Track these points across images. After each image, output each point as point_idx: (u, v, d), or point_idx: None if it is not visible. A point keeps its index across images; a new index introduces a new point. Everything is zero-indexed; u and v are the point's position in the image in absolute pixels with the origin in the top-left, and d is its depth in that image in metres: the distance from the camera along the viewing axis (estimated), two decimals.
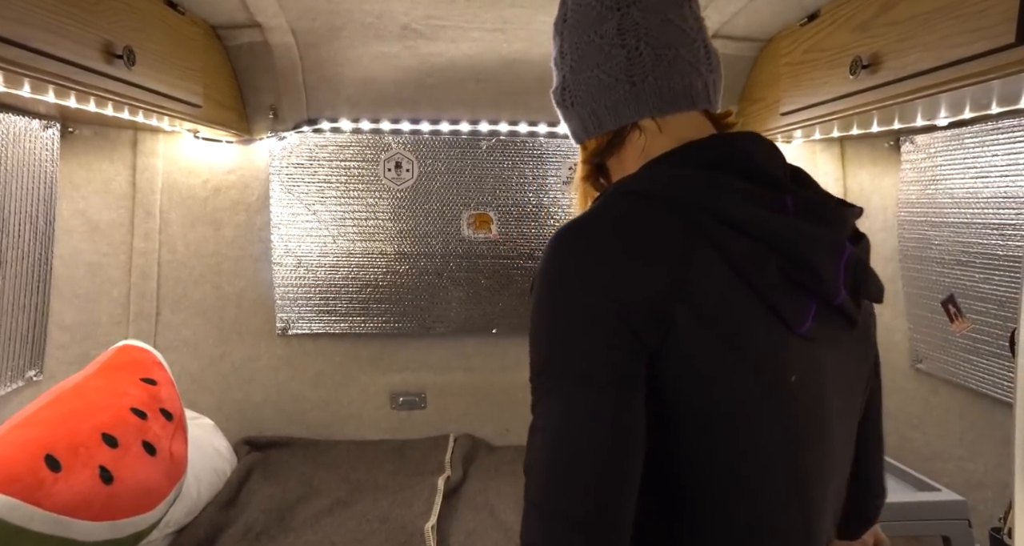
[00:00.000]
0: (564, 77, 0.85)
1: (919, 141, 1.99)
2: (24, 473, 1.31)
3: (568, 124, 0.87)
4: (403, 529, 1.97)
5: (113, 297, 2.33)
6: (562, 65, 0.85)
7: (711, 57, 0.83)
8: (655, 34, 0.79)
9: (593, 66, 0.81)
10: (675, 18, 0.81)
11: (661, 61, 0.79)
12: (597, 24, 0.80)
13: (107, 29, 1.48)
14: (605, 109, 0.81)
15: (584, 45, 0.81)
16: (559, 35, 0.86)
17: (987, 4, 1.18)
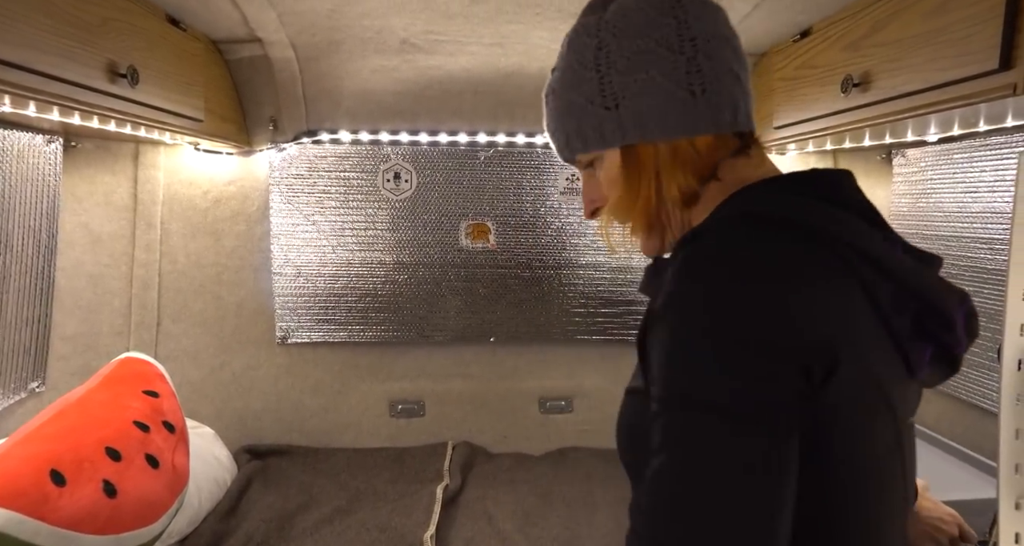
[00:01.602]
0: (604, 78, 0.78)
1: (910, 155, 2.02)
2: (30, 488, 1.33)
3: (603, 126, 0.79)
4: (402, 538, 2.00)
5: (114, 308, 2.35)
6: (601, 66, 0.78)
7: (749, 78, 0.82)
8: (713, 48, 0.76)
9: (648, 69, 0.76)
10: (730, 36, 0.79)
11: (721, 76, 0.77)
12: (652, 29, 0.76)
13: (111, 49, 1.50)
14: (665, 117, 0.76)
15: (637, 49, 0.77)
16: (595, 35, 0.79)
17: (972, 30, 1.21)
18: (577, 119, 0.81)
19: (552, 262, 2.69)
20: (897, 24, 1.44)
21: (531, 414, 2.76)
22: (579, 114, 0.80)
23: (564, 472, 2.51)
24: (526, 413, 2.76)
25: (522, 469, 2.54)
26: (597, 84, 0.78)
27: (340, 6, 1.85)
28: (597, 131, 0.80)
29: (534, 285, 2.70)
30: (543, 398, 2.75)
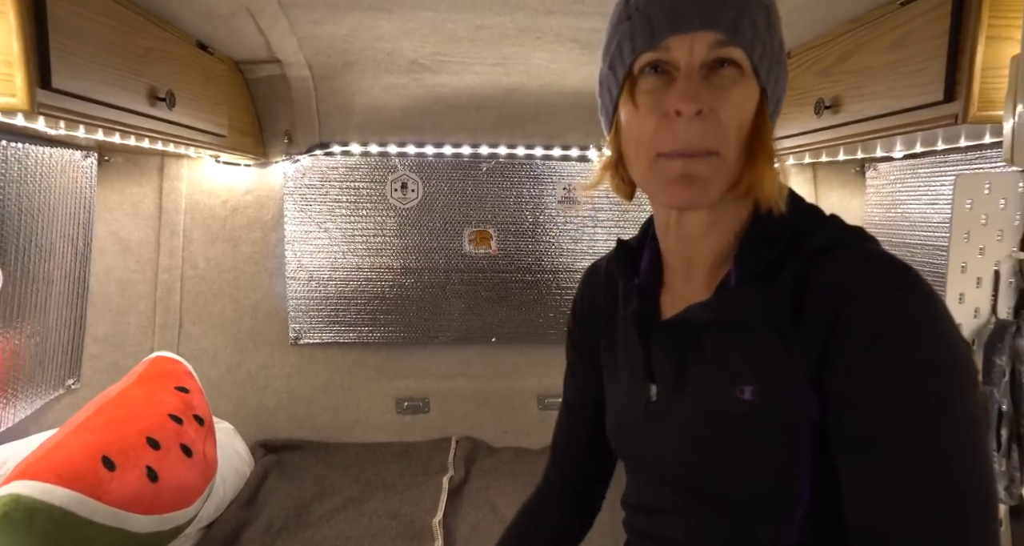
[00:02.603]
0: (780, 36, 0.74)
1: (881, 169, 2.18)
2: (86, 472, 1.49)
3: (773, 58, 0.72)
4: (412, 524, 2.15)
5: (140, 310, 2.51)
6: (777, 20, 0.74)
7: None
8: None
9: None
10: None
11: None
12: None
13: (152, 76, 1.65)
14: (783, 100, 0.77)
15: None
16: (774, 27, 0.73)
17: (922, 65, 1.38)
18: (765, 34, 0.71)
19: (550, 267, 2.85)
20: (861, 54, 1.61)
21: (530, 410, 2.91)
22: (768, 31, 0.72)
23: None
24: (526, 409, 2.91)
25: (522, 462, 2.69)
26: (780, 35, 0.74)
27: (355, 31, 2.00)
28: (767, 63, 0.71)
29: (533, 288, 2.86)
30: (542, 395, 2.91)
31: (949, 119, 1.32)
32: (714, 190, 0.71)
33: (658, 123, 0.71)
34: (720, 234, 0.77)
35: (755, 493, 0.72)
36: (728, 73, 0.69)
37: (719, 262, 0.78)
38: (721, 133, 0.69)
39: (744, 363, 0.73)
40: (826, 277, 0.69)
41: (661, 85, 0.71)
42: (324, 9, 1.82)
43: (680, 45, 0.69)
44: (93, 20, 1.40)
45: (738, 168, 0.72)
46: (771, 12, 0.72)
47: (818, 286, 0.69)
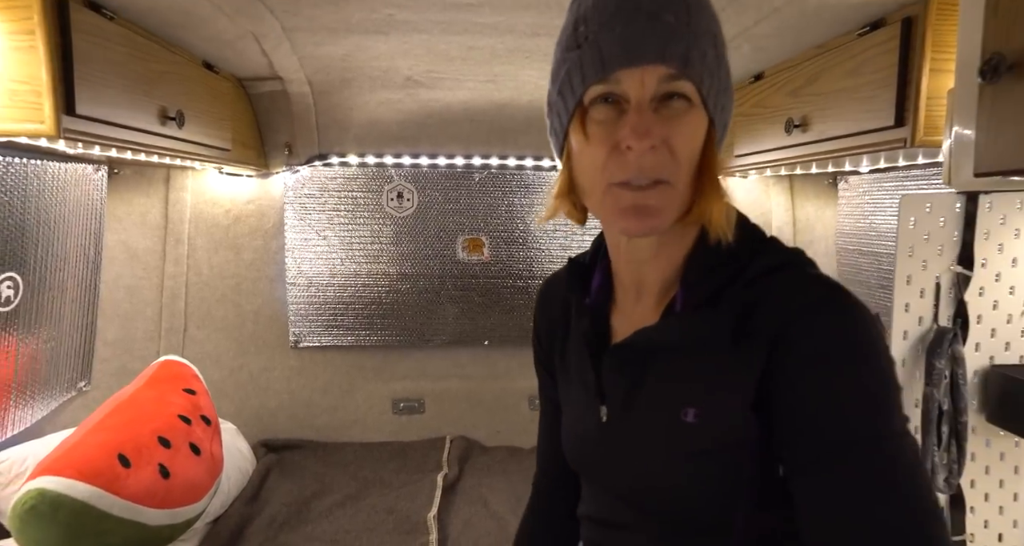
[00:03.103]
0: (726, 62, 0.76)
1: (851, 181, 2.31)
2: (104, 468, 1.60)
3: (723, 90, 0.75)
4: (408, 519, 2.26)
5: (147, 316, 2.62)
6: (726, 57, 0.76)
7: None
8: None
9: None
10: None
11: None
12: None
13: (163, 97, 1.77)
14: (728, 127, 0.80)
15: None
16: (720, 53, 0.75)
17: (876, 92, 1.50)
18: (714, 65, 0.72)
19: (540, 273, 2.97)
20: (825, 78, 1.73)
21: (522, 411, 3.03)
22: (716, 63, 0.72)
23: None
24: (517, 410, 3.03)
25: (514, 460, 2.81)
26: (726, 61, 0.75)
27: (353, 51, 2.12)
28: (715, 94, 0.73)
29: (524, 293, 2.98)
30: (533, 396, 3.03)
31: (899, 142, 1.44)
32: (666, 219, 0.73)
33: (609, 154, 0.71)
34: (669, 258, 0.80)
35: (699, 511, 0.75)
36: (678, 105, 0.70)
37: (668, 284, 0.80)
38: (672, 163, 0.70)
39: (687, 387, 0.75)
40: (767, 301, 0.71)
41: (612, 117, 0.71)
42: (324, 32, 1.93)
43: (631, 78, 0.69)
44: (111, 49, 1.51)
45: (689, 196, 0.73)
46: (719, 42, 0.73)
47: (759, 310, 0.71)
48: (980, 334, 1.30)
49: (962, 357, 1.28)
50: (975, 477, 1.31)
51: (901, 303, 1.30)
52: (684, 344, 0.76)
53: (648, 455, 0.79)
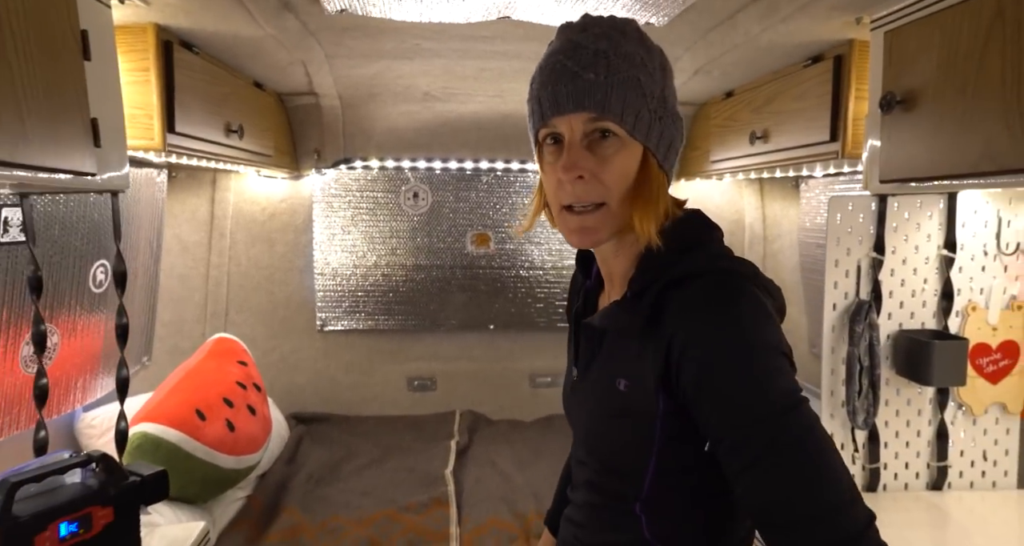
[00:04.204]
0: (663, 93, 0.89)
1: (811, 183, 2.66)
2: (187, 419, 1.95)
3: (651, 126, 0.87)
4: (428, 474, 2.61)
5: (195, 301, 2.96)
6: (665, 87, 0.90)
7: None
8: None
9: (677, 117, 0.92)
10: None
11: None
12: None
13: (227, 114, 2.11)
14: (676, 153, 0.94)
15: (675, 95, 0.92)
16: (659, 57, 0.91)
17: (816, 113, 1.85)
18: (637, 103, 0.86)
19: (540, 264, 3.32)
20: (779, 99, 2.08)
21: (523, 388, 3.38)
22: (639, 100, 0.86)
23: (550, 434, 3.11)
24: (519, 387, 3.38)
25: (516, 432, 3.15)
26: (660, 94, 0.88)
27: (381, 72, 2.46)
28: (645, 125, 0.86)
29: (526, 283, 3.33)
30: (533, 375, 3.38)
31: (833, 154, 1.80)
32: (603, 234, 0.89)
33: (557, 184, 0.88)
34: (625, 258, 0.95)
35: (620, 457, 0.93)
36: (610, 140, 0.86)
37: (627, 278, 0.93)
38: (604, 189, 0.86)
39: (622, 362, 0.91)
40: (672, 305, 0.84)
41: (556, 153, 0.89)
42: (359, 58, 2.27)
43: (562, 123, 0.86)
44: (196, 78, 1.86)
45: (624, 212, 0.88)
46: (644, 83, 0.86)
47: (666, 311, 0.85)
48: (891, 306, 1.65)
49: (877, 324, 1.63)
50: (888, 418, 1.66)
51: (831, 281, 1.65)
52: (614, 329, 0.94)
53: (593, 410, 0.98)
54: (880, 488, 1.66)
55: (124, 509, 1.24)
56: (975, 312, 1.63)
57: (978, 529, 1.52)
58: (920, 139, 1.30)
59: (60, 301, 1.92)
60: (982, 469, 1.67)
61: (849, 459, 1.66)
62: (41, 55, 1.07)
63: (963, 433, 1.67)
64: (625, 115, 0.85)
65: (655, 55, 0.89)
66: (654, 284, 0.86)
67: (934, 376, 1.54)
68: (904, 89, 1.34)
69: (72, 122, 1.20)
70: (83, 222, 1.95)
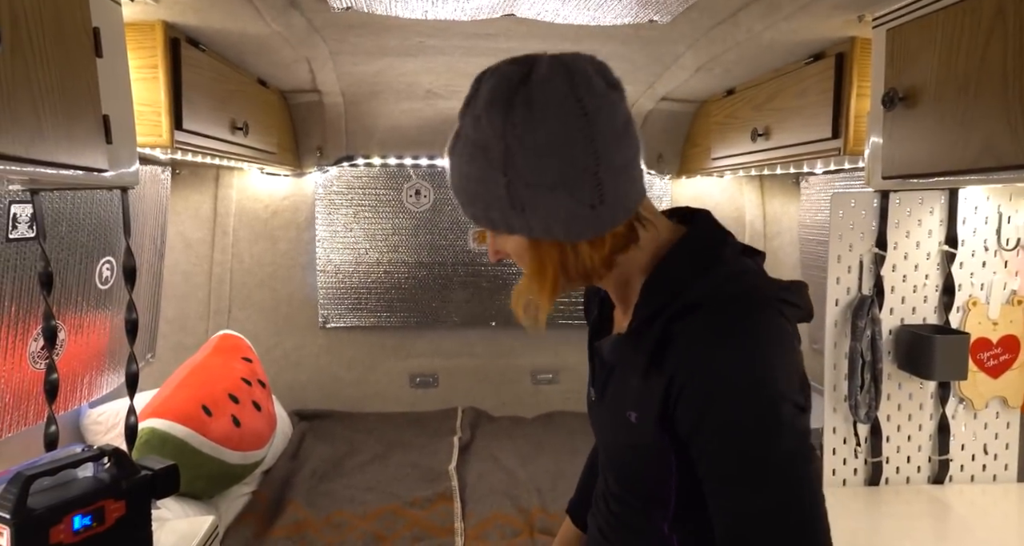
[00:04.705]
0: (512, 185, 0.79)
1: (811, 180, 2.68)
2: (194, 415, 1.96)
3: (510, 220, 0.81)
4: (431, 470, 2.63)
5: (198, 298, 2.97)
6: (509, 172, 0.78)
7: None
8: (614, 153, 0.78)
9: (554, 189, 0.78)
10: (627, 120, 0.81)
11: (619, 183, 0.80)
12: (560, 148, 0.76)
13: (233, 111, 2.12)
14: (568, 226, 0.80)
15: (545, 168, 0.78)
16: (502, 138, 0.77)
17: (818, 110, 1.87)
18: (485, 204, 0.81)
19: None
20: (781, 97, 2.10)
21: (525, 385, 3.39)
22: (487, 201, 0.81)
23: (551, 429, 3.13)
24: (521, 384, 3.39)
25: (518, 428, 3.17)
26: (504, 188, 0.78)
27: (384, 69, 2.47)
28: (504, 221, 0.81)
29: None
30: (534, 371, 3.40)
31: (835, 151, 1.82)
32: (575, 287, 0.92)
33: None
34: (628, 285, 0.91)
35: (641, 484, 0.92)
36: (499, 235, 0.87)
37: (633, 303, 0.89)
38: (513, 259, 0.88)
39: (631, 393, 0.87)
40: (677, 340, 0.79)
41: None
42: (363, 55, 2.28)
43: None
44: (203, 75, 1.87)
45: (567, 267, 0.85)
46: (486, 195, 0.80)
47: (671, 346, 0.80)
48: (893, 301, 1.66)
49: (879, 318, 1.64)
50: (890, 412, 1.68)
51: (833, 277, 1.67)
52: (620, 364, 0.91)
53: (610, 436, 0.97)
54: (882, 482, 1.68)
55: (136, 503, 1.26)
56: (976, 307, 1.65)
57: (979, 522, 1.54)
58: (922, 136, 1.32)
59: (67, 297, 1.93)
60: (983, 463, 1.69)
61: (852, 453, 1.68)
62: (56, 52, 1.09)
63: (964, 427, 1.68)
64: (486, 222, 0.83)
65: (490, 131, 0.77)
66: (659, 316, 0.82)
67: (936, 370, 1.56)
68: (906, 86, 1.36)
69: (85, 119, 1.21)
70: (90, 219, 1.96)
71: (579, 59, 0.79)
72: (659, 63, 2.33)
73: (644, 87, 2.62)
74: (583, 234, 0.81)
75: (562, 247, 0.83)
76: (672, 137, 3.03)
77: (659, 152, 3.11)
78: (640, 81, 2.56)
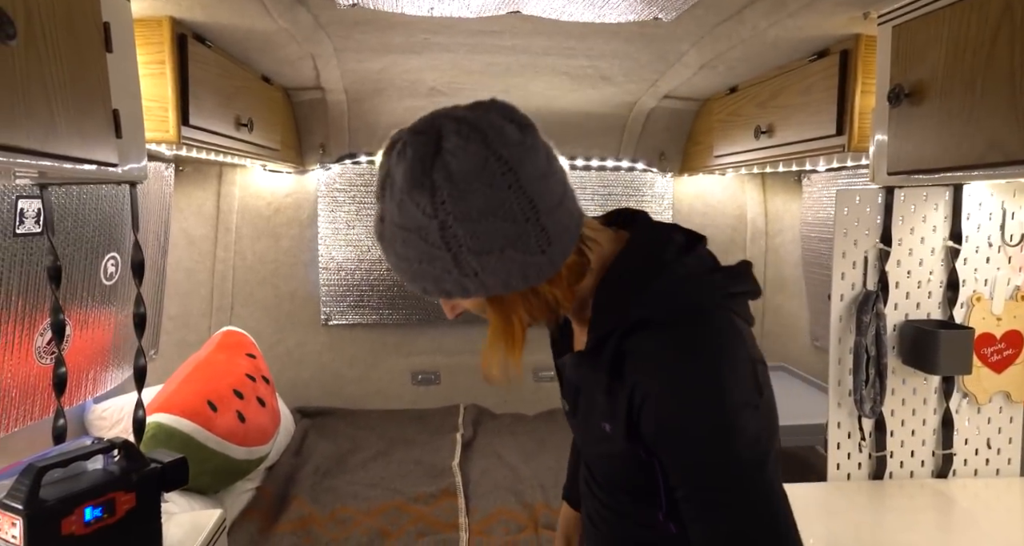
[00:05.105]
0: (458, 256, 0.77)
1: (813, 178, 2.69)
2: (199, 410, 1.97)
3: (465, 286, 0.79)
4: (434, 466, 2.63)
5: (201, 295, 2.98)
6: (452, 246, 0.76)
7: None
8: (547, 195, 0.78)
9: (502, 248, 0.77)
10: (550, 155, 0.82)
11: (561, 221, 0.80)
12: (493, 207, 0.75)
13: (238, 107, 2.12)
14: (524, 276, 0.79)
15: (486, 231, 0.76)
16: (434, 216, 0.75)
17: (822, 107, 1.88)
18: (434, 279, 0.79)
19: None
20: (785, 94, 2.11)
21: (526, 382, 3.40)
22: (435, 279, 0.79)
23: (553, 426, 3.14)
24: (522, 381, 3.40)
25: (520, 424, 3.18)
26: (452, 260, 0.76)
27: (388, 66, 2.47)
28: (459, 289, 0.80)
29: None
30: (536, 369, 3.40)
31: (839, 148, 1.82)
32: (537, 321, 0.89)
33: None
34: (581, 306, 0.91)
35: (628, 488, 0.94)
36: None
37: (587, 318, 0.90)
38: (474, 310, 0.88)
39: (599, 406, 0.89)
40: (631, 355, 0.82)
41: None
42: (368, 52, 2.28)
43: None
44: (209, 71, 1.87)
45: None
46: (445, 272, 0.78)
47: (627, 361, 0.83)
48: (898, 296, 1.67)
49: (884, 314, 1.65)
50: (894, 407, 1.68)
51: (838, 272, 1.67)
52: (583, 384, 0.92)
53: (590, 446, 0.98)
54: (886, 476, 1.68)
55: (146, 495, 1.26)
56: (980, 303, 1.66)
57: (982, 515, 1.55)
58: (928, 131, 1.32)
59: (73, 293, 1.94)
60: (986, 457, 1.70)
61: (856, 448, 1.69)
62: (67, 47, 1.09)
63: (967, 422, 1.69)
64: (436, 292, 0.82)
65: (420, 213, 0.75)
66: (611, 335, 0.84)
67: (940, 365, 1.57)
68: (912, 82, 1.37)
69: (95, 113, 1.21)
70: (95, 214, 1.97)
71: (483, 112, 0.78)
72: (663, 60, 2.34)
73: (647, 85, 2.63)
74: (541, 277, 0.80)
75: (523, 294, 0.82)
76: (674, 135, 3.04)
77: (661, 150, 3.12)
78: (643, 79, 2.56)
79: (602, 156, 3.22)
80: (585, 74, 2.54)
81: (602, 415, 0.88)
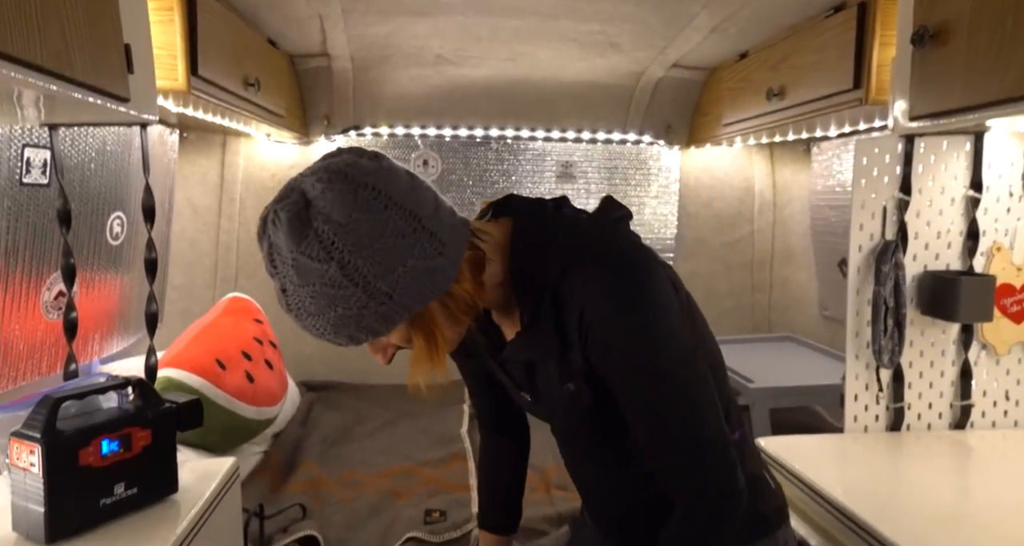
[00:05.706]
0: (368, 286, 0.79)
1: (823, 146, 2.68)
2: (208, 367, 1.95)
3: (387, 315, 0.82)
4: (443, 434, 2.61)
5: (205, 266, 2.95)
6: (357, 279, 0.79)
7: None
8: (423, 203, 0.83)
9: (404, 261, 0.80)
10: (410, 173, 0.87)
11: (444, 220, 0.85)
12: (380, 228, 0.79)
13: (246, 67, 2.10)
14: (436, 283, 0.84)
15: (382, 250, 0.79)
16: (328, 259, 0.78)
17: (838, 62, 1.86)
18: (356, 320, 0.81)
19: None
20: (798, 53, 2.09)
21: None
22: (356, 320, 0.81)
23: None
24: None
25: None
26: (363, 293, 0.79)
27: (396, 30, 2.45)
28: (383, 321, 0.82)
29: None
30: None
31: (856, 101, 1.81)
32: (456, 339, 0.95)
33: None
34: (501, 295, 0.96)
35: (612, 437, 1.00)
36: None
37: (509, 305, 0.99)
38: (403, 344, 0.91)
39: (556, 373, 0.95)
40: (564, 305, 0.89)
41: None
42: (376, 14, 2.26)
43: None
44: (218, 24, 1.85)
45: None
46: (362, 307, 0.80)
47: (564, 314, 0.90)
48: (917, 247, 1.65)
49: (903, 264, 1.63)
50: (912, 359, 1.67)
51: (857, 223, 1.66)
52: (537, 358, 0.98)
53: (567, 422, 1.05)
54: (904, 428, 1.67)
55: (161, 432, 1.25)
56: (1000, 253, 1.64)
57: (1001, 465, 1.53)
58: (956, 71, 1.30)
59: (79, 252, 1.91)
60: (1004, 408, 1.69)
61: (873, 400, 1.67)
62: None
63: (986, 373, 1.68)
64: (361, 336, 0.86)
65: (316, 262, 0.78)
66: (542, 296, 0.90)
67: (961, 312, 1.56)
68: (937, 22, 1.35)
69: (108, 45, 1.19)
70: (102, 171, 1.94)
71: (333, 158, 0.82)
72: (673, 25, 2.32)
73: (656, 52, 2.61)
74: (448, 278, 0.85)
75: (441, 302, 0.86)
76: (681, 107, 3.03)
77: (668, 122, 3.10)
78: (652, 45, 2.54)
79: (608, 129, 3.20)
80: (594, 41, 2.52)
81: (562, 379, 0.94)
